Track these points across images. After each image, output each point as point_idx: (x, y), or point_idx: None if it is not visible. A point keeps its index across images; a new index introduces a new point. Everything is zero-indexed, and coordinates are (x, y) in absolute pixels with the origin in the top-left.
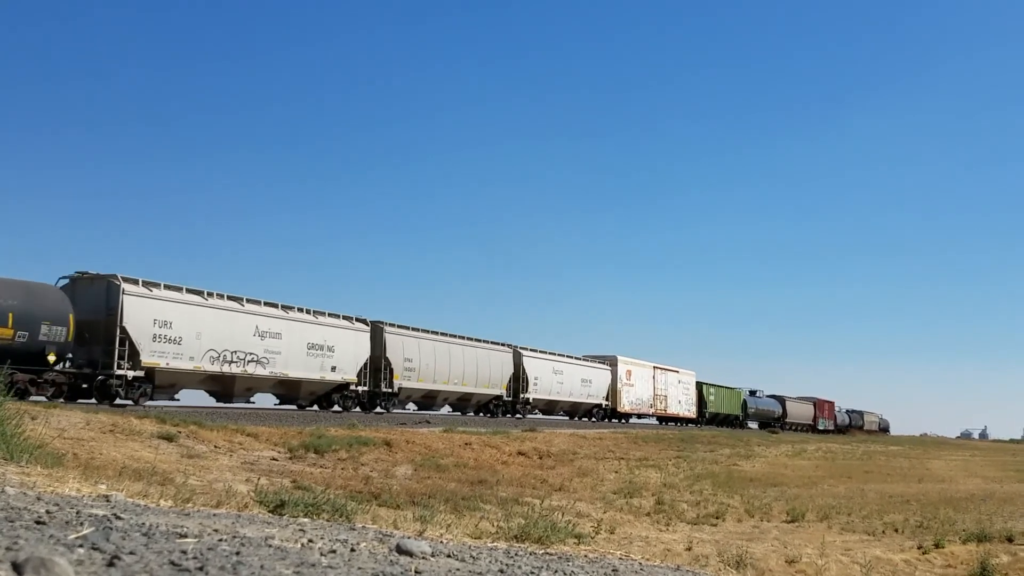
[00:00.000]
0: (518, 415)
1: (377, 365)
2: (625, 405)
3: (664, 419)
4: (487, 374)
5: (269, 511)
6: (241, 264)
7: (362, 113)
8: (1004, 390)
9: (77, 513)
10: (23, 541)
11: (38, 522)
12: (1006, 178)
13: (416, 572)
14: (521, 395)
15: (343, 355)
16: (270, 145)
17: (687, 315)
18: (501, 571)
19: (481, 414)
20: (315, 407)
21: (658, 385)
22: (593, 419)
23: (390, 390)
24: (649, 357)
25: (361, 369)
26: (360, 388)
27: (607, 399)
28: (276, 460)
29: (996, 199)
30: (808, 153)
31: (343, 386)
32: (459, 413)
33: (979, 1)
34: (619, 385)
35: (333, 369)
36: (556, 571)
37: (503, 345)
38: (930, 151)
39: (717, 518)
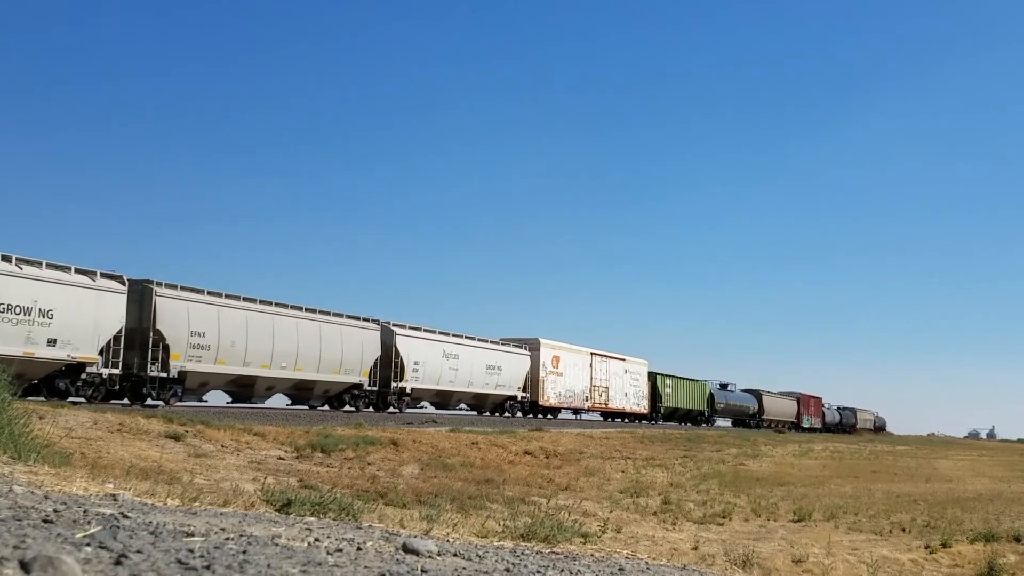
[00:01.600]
0: (391, 409)
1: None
2: (550, 397)
3: (606, 415)
4: (337, 357)
5: (276, 510)
6: (241, 264)
7: (361, 113)
8: (1012, 390)
9: (84, 512)
10: (31, 540)
11: (46, 521)
12: (1014, 175)
13: (422, 571)
14: (394, 384)
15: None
16: (267, 145)
17: (701, 318)
18: (507, 570)
19: (326, 407)
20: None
21: (597, 375)
22: (507, 414)
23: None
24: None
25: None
26: (370, 388)
27: (525, 390)
28: (283, 459)
29: (1006, 197)
30: (807, 154)
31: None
32: (305, 406)
33: (984, 2)
34: (542, 374)
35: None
36: (562, 570)
37: (366, 320)
38: (935, 151)
39: (724, 517)
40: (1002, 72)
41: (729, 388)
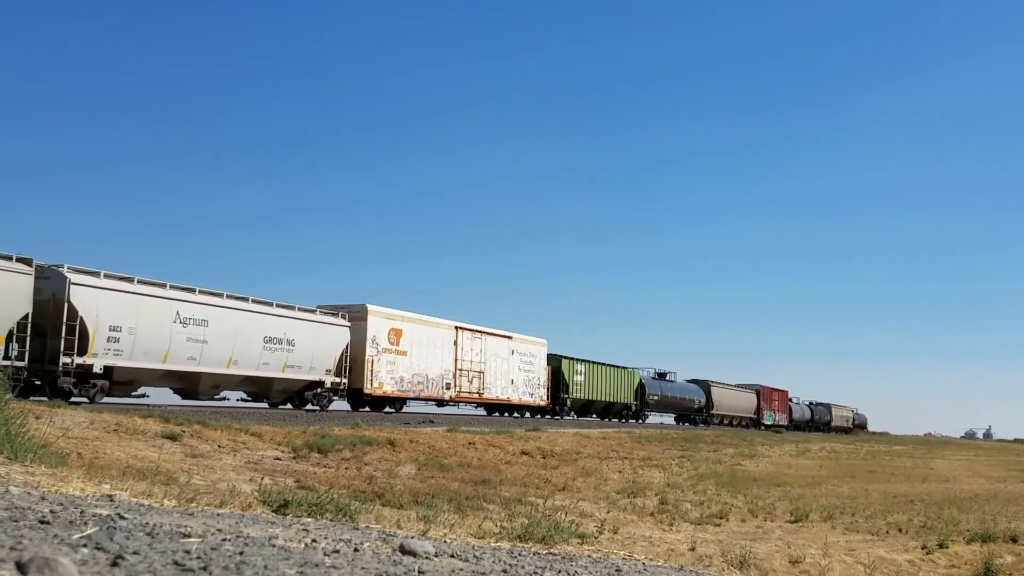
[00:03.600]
0: (75, 395)
1: None
2: (384, 383)
3: (485, 406)
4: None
5: (273, 511)
6: (239, 264)
7: (360, 113)
8: (1009, 390)
9: (81, 513)
10: (27, 541)
11: (42, 522)
12: (1011, 176)
13: (420, 572)
14: (64, 360)
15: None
16: (266, 145)
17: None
18: (504, 571)
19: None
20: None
21: (465, 355)
22: (315, 407)
23: None
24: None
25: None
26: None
27: (340, 373)
28: (280, 460)
29: (1001, 198)
30: (805, 154)
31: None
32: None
33: (981, 2)
34: (370, 352)
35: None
36: (559, 571)
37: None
38: (931, 151)
39: (721, 518)
40: (1003, 73)
41: (668, 378)
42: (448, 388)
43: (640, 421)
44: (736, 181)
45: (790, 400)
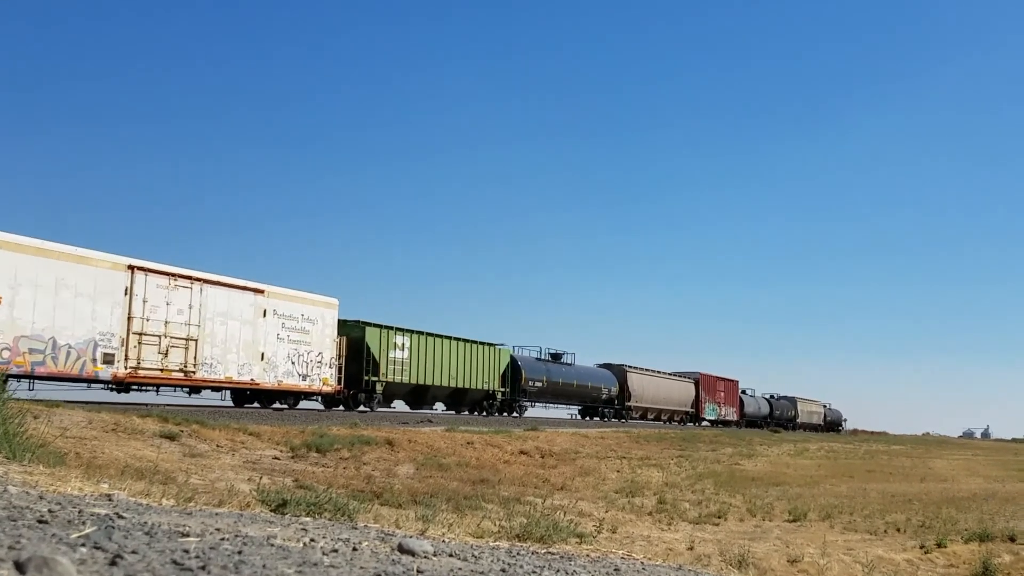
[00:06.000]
0: None
1: None
2: None
3: (201, 389)
4: None
5: (271, 510)
6: (236, 264)
7: (359, 113)
8: (1007, 389)
9: (79, 512)
10: (25, 540)
11: (40, 521)
12: (1010, 176)
13: (418, 571)
14: None
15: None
16: (267, 145)
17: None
18: (503, 570)
19: None
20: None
21: (151, 311)
22: None
23: None
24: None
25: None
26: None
27: None
28: (278, 459)
29: (999, 197)
30: (802, 155)
31: None
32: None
33: (981, 2)
34: None
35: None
36: (558, 570)
37: None
38: (929, 152)
39: (719, 517)
40: (1003, 72)
41: (565, 360)
42: (114, 361)
43: (517, 415)
44: (735, 181)
45: (743, 392)
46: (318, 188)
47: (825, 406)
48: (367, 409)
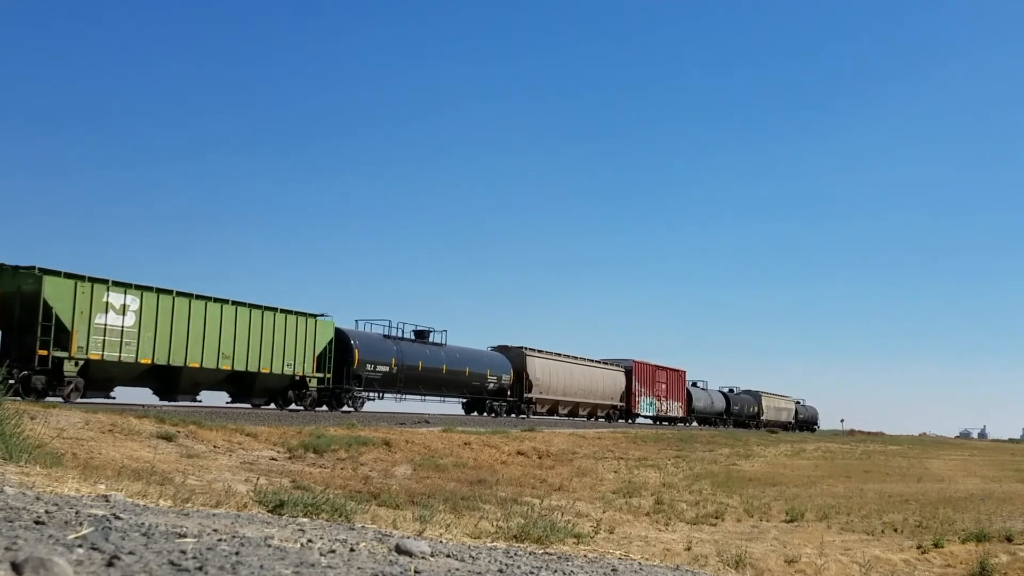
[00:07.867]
0: None
1: None
2: None
3: None
4: None
5: (268, 511)
6: (236, 263)
7: (357, 113)
8: (1003, 390)
9: (76, 513)
10: (22, 541)
11: (37, 522)
12: (1006, 178)
13: (415, 572)
14: None
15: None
16: (266, 145)
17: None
18: (500, 571)
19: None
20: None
21: None
22: None
23: None
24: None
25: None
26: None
27: None
28: (275, 460)
29: (996, 199)
30: (804, 154)
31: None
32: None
33: (981, 2)
34: None
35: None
36: (555, 571)
37: None
38: (927, 153)
39: (716, 518)
40: (995, 74)
41: (435, 339)
42: None
43: (354, 408)
44: (735, 181)
45: (693, 384)
46: (306, 190)
47: (797, 402)
48: (63, 400)
